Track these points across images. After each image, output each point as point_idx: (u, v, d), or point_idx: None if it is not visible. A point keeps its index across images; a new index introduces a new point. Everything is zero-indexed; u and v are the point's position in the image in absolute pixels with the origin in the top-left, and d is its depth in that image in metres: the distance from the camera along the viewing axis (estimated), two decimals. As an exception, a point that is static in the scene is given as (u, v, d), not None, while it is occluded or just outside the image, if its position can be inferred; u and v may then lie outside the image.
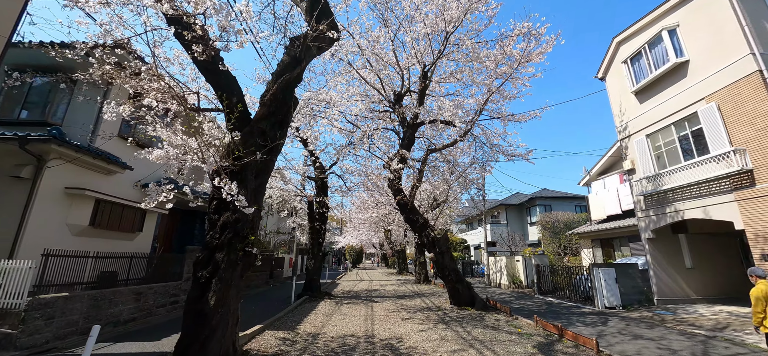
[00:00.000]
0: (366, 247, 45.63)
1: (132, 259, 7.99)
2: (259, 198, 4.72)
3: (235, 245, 4.19)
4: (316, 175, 12.62)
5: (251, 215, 4.38)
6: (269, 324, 7.31)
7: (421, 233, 9.68)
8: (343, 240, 37.85)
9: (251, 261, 4.45)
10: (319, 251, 12.22)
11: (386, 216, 22.07)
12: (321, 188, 12.64)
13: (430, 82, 10.03)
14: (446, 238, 9.46)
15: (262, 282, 16.68)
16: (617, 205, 16.07)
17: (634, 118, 10.69)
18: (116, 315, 7.06)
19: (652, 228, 9.96)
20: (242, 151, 4.46)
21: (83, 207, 7.70)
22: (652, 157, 10.03)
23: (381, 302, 11.18)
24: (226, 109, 4.52)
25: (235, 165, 4.37)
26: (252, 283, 15.14)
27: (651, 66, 9.98)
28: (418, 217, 9.74)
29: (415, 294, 13.77)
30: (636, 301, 10.19)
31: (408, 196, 10.02)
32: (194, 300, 4.08)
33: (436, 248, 9.38)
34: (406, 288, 16.29)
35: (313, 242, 12.07)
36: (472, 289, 9.81)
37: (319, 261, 12.19)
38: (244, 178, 4.52)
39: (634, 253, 14.91)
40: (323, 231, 12.45)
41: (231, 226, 4.22)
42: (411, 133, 10.12)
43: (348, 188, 14.43)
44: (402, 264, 28.00)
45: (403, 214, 10.02)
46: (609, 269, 10.37)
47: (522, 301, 11.80)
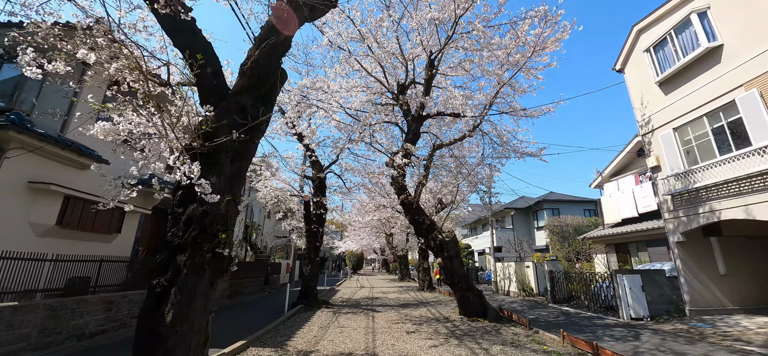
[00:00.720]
0: (366, 253, 44.58)
1: (101, 263, 7.11)
2: (236, 188, 3.86)
3: (201, 245, 3.32)
4: (314, 174, 11.78)
5: (224, 208, 3.52)
6: (255, 338, 6.39)
7: (427, 236, 8.78)
8: (343, 246, 36.89)
9: (223, 266, 3.57)
10: (317, 256, 11.31)
11: (388, 221, 21.16)
12: (319, 188, 11.78)
13: (437, 71, 9.22)
14: (455, 241, 8.56)
15: (257, 288, 15.74)
16: (633, 208, 15.15)
17: (658, 110, 9.83)
18: (80, 328, 6.16)
19: (682, 230, 9.03)
20: (215, 129, 3.62)
21: (49, 205, 6.85)
22: (680, 153, 9.15)
23: (383, 312, 10.23)
24: (197, 77, 3.70)
25: (204, 146, 3.52)
26: (245, 290, 14.22)
27: (678, 53, 9.15)
28: (425, 218, 8.86)
29: (420, 302, 12.80)
30: (665, 312, 9.22)
31: (413, 195, 9.16)
32: (147, 314, 3.20)
33: (445, 252, 8.48)
34: (410, 295, 15.30)
35: (309, 246, 11.17)
36: (484, 298, 8.87)
37: (317, 266, 11.29)
38: (217, 161, 3.66)
39: (653, 259, 13.94)
40: (321, 234, 11.56)
41: (197, 221, 3.35)
42: (416, 126, 9.29)
43: (348, 189, 13.57)
44: (404, 270, 26.98)
45: (408, 215, 9.14)
46: (634, 276, 9.42)
47: (536, 311, 10.83)
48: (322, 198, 11.30)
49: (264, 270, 17.23)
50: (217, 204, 3.45)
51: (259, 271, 16.62)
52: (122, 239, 8.92)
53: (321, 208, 11.47)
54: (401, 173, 9.00)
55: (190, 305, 3.23)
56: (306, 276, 11.01)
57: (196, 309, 3.28)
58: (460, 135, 10.22)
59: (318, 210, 11.48)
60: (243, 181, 3.99)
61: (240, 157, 3.92)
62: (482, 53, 9.18)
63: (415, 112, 9.45)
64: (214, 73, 4.00)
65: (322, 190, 11.79)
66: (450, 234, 8.57)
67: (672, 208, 9.36)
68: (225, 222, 3.54)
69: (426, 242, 8.89)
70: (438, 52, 8.94)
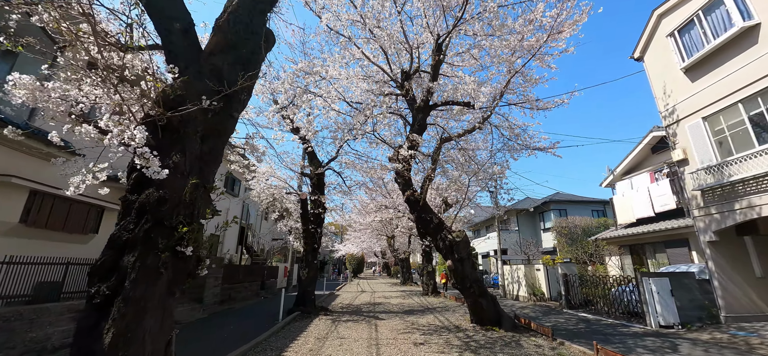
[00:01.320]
0: (367, 256, 43.70)
1: (68, 266, 6.30)
2: (208, 171, 3.08)
3: (156, 242, 2.53)
4: (312, 171, 11.00)
5: (189, 195, 2.73)
6: (242, 353, 5.57)
7: (435, 236, 7.98)
8: (344, 249, 36.03)
9: (188, 270, 2.78)
10: (315, 259, 10.50)
11: (389, 222, 20.35)
12: (317, 185, 11.00)
13: (444, 56, 8.48)
14: (467, 242, 7.76)
15: (252, 293, 14.89)
16: (648, 207, 14.33)
17: (684, 99, 9.07)
18: (40, 341, 5.35)
19: (715, 228, 8.23)
20: (182, 96, 2.86)
21: (11, 200, 6.06)
22: (712, 144, 8.37)
23: (386, 319, 9.40)
24: (161, 34, 2.95)
25: (165, 115, 2.75)
26: (239, 295, 13.38)
27: (707, 35, 8.41)
28: (433, 217, 8.07)
29: (425, 308, 11.96)
30: (696, 318, 8.40)
31: (419, 191, 8.37)
32: (84, 333, 2.41)
33: (455, 254, 7.68)
34: (414, 301, 14.46)
35: (307, 248, 10.37)
36: (498, 304, 8.05)
37: (315, 270, 10.47)
38: (183, 136, 2.89)
39: (673, 261, 13.10)
40: (319, 235, 10.75)
41: (151, 211, 2.57)
42: (422, 116, 8.52)
43: (348, 188, 12.80)
44: (406, 273, 26.10)
45: (414, 213, 8.35)
46: (662, 279, 8.60)
47: (552, 318, 9.99)
48: (321, 197, 10.52)
49: (260, 274, 16.39)
50: (179, 189, 2.67)
51: (254, 275, 15.78)
52: (100, 240, 8.11)
53: (319, 207, 10.68)
54: (406, 167, 8.23)
55: (139, 321, 2.43)
56: (303, 281, 10.19)
57: (147, 328, 2.48)
58: (468, 127, 9.48)
59: (316, 209, 10.69)
60: (217, 163, 3.21)
61: (214, 133, 3.14)
62: (493, 39, 8.47)
63: (420, 102, 8.69)
64: (183, 31, 3.23)
65: (320, 188, 11.01)
66: (461, 234, 7.77)
67: (703, 205, 8.56)
68: (190, 212, 2.75)
69: (434, 243, 8.09)
70: (446, 34, 8.21)
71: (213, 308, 10.80)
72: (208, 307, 10.58)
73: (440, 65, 8.48)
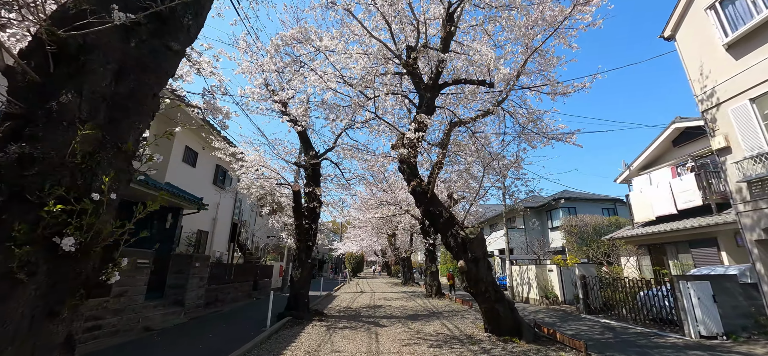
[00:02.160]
0: (367, 255, 42.73)
1: None
2: (124, 124, 2.03)
3: (9, 224, 1.48)
4: (306, 160, 9.97)
5: (80, 152, 1.69)
6: (213, 373, 4.54)
7: (445, 233, 6.95)
8: (343, 247, 35.04)
9: (79, 276, 1.72)
10: (309, 257, 9.49)
11: (390, 219, 19.33)
12: (312, 176, 9.97)
13: (456, 27, 7.44)
14: (482, 240, 6.73)
15: (243, 294, 13.87)
16: (670, 204, 13.30)
17: (726, 79, 8.03)
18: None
19: (765, 225, 7.20)
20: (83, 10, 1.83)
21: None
22: (761, 128, 7.34)
23: (388, 326, 8.37)
24: None
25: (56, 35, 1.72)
26: (228, 297, 12.36)
27: (757, 4, 7.37)
28: (442, 210, 7.03)
29: (430, 312, 10.94)
30: (741, 328, 7.38)
31: (427, 181, 7.35)
32: None
33: (468, 253, 6.65)
34: (417, 303, 13.43)
35: (300, 245, 9.34)
36: (516, 311, 7.03)
37: (309, 270, 9.45)
38: (83, 67, 1.85)
39: (699, 263, 12.08)
40: (314, 231, 9.73)
41: (8, 175, 1.53)
42: (431, 96, 7.49)
43: (347, 180, 11.77)
44: (408, 273, 25.08)
45: (420, 206, 7.32)
46: (702, 283, 7.58)
47: (571, 324, 8.98)
48: (316, 189, 9.48)
49: (252, 273, 15.37)
50: (64, 144, 1.63)
51: (247, 275, 14.76)
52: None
53: (314, 201, 9.64)
54: (412, 153, 7.19)
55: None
56: (295, 282, 9.17)
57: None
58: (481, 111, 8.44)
59: (311, 202, 9.65)
60: (143, 115, 2.16)
61: (137, 69, 2.09)
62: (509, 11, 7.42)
63: (429, 80, 7.66)
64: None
65: (315, 179, 9.98)
66: (475, 231, 6.73)
67: (750, 198, 7.52)
68: (78, 181, 1.70)
69: (444, 241, 7.06)
70: (458, 2, 7.17)
71: (196, 311, 9.78)
72: (191, 310, 9.55)
73: (452, 38, 7.44)
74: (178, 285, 9.55)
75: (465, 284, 6.82)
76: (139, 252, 7.60)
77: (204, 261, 10.36)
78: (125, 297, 7.21)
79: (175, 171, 11.50)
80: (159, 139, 2.36)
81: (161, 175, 10.97)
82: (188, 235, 12.03)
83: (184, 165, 12.07)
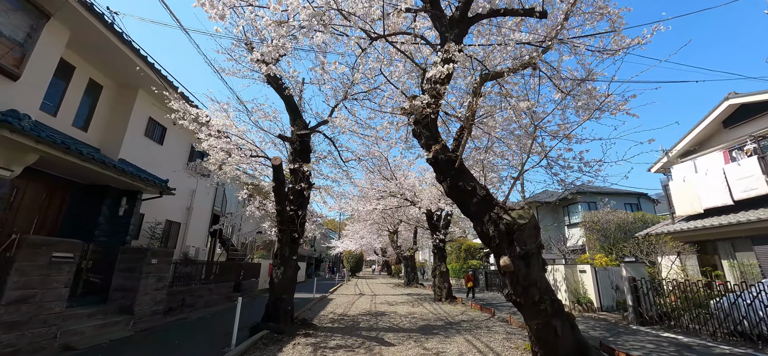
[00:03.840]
0: (366, 253, 40.69)
1: None
2: None
3: None
4: (293, 132, 7.93)
5: None
6: None
7: (480, 216, 4.90)
8: (341, 246, 33.05)
9: None
10: (294, 253, 7.43)
11: (392, 213, 17.28)
12: (300, 151, 7.92)
13: (493, -65, 5.37)
14: (536, 226, 4.66)
15: (222, 297, 11.79)
16: (724, 194, 11.30)
17: None
18: None
19: None
20: None
21: None
22: None
23: (396, 344, 6.31)
24: None
25: None
26: (200, 300, 10.29)
27: None
28: (476, 186, 4.98)
29: (446, 322, 8.89)
30: None
31: (453, 146, 5.30)
32: None
33: (516, 246, 4.60)
34: (426, 309, 11.38)
35: (282, 236, 7.28)
36: (578, 329, 4.98)
37: (293, 269, 7.39)
38: None
39: (764, 262, 10.09)
40: (301, 219, 7.66)
41: None
42: (458, 33, 5.42)
43: (344, 161, 9.71)
44: (411, 273, 23.04)
45: (444, 181, 5.25)
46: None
47: (626, 339, 6.97)
48: (304, 165, 7.40)
49: (235, 272, 13.30)
50: None
51: (226, 274, 12.71)
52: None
53: (302, 181, 7.58)
54: (432, 106, 5.12)
55: None
56: (275, 284, 7.09)
57: None
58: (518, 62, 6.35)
59: (297, 183, 7.59)
60: None
61: None
62: None
63: (455, 11, 5.61)
64: None
65: (304, 155, 7.93)
66: (526, 214, 4.67)
67: None
68: None
69: (478, 229, 5.00)
70: None
71: (151, 320, 7.71)
72: (144, 319, 7.49)
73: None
74: (126, 288, 7.49)
75: (508, 291, 4.77)
76: (55, 242, 5.52)
77: (164, 256, 8.29)
78: (30, 304, 5.14)
79: (134, 146, 9.41)
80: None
81: (114, 150, 8.90)
82: (152, 226, 9.95)
83: (146, 140, 9.98)
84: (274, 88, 7.90)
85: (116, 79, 9.24)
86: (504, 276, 4.88)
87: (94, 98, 8.87)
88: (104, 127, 9.00)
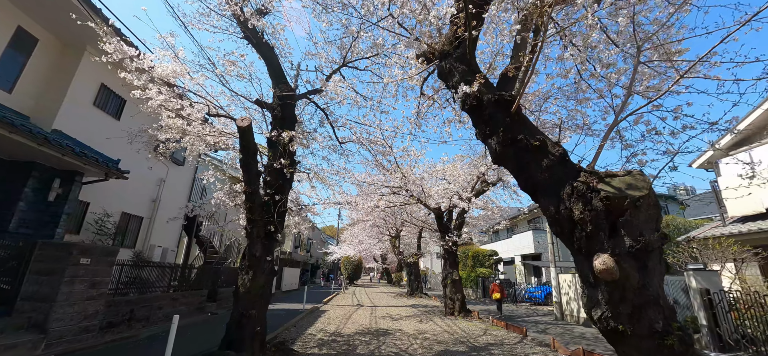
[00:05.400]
0: (365, 260, 38.52)
1: None
2: None
3: None
4: (275, 93, 6.07)
5: None
6: None
7: (553, 189, 3.01)
8: (339, 251, 30.98)
9: None
10: (269, 252, 5.48)
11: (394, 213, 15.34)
12: (282, 119, 6.05)
13: None
14: (656, 204, 2.78)
15: (191, 308, 9.75)
16: (795, 190, 9.38)
17: None
18: None
19: None
20: None
21: None
22: None
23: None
24: None
25: None
26: (158, 313, 8.27)
27: None
28: (544, 139, 3.08)
29: (470, 347, 6.87)
30: None
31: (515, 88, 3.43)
32: None
33: (626, 237, 2.67)
34: (438, 327, 9.35)
35: (252, 229, 5.34)
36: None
37: (268, 274, 5.43)
38: None
39: None
40: (280, 206, 5.73)
41: None
42: None
43: (339, 141, 7.83)
44: (415, 282, 20.94)
45: (493, 135, 3.35)
46: None
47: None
48: (286, 133, 5.50)
49: (211, 277, 11.27)
50: None
51: (200, 280, 10.69)
52: None
53: (282, 154, 5.67)
54: (474, 24, 3.25)
55: None
56: (241, 295, 5.12)
57: None
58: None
59: (276, 159, 5.68)
60: None
61: None
62: None
63: None
64: None
65: (286, 123, 6.04)
66: (640, 181, 2.77)
67: None
68: None
69: (552, 206, 3.07)
70: None
71: (76, 340, 5.71)
72: (65, 339, 5.50)
73: None
74: (41, 297, 5.50)
75: (603, 312, 2.82)
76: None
77: (102, 255, 6.31)
78: None
79: (77, 116, 7.52)
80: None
81: (48, 120, 7.00)
82: (100, 218, 7.99)
83: (96, 112, 8.09)
84: (253, 44, 6.08)
85: (58, 34, 7.40)
86: (592, 287, 2.96)
87: (26, 53, 7.01)
88: (38, 92, 7.12)
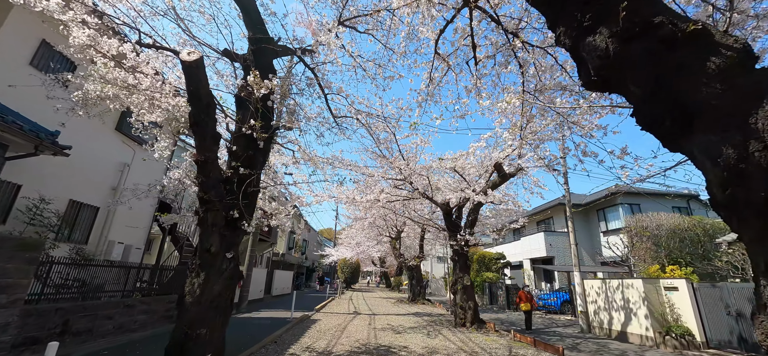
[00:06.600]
0: (363, 263, 36.87)
1: None
2: None
3: None
4: (250, 37, 4.61)
5: None
6: None
7: (733, 111, 1.50)
8: (336, 254, 29.38)
9: None
10: (229, 248, 3.97)
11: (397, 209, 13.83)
12: (261, 68, 4.54)
13: None
14: None
15: (156, 317, 8.16)
16: None
17: None
18: None
19: None
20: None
21: None
22: None
23: None
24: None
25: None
26: (104, 325, 6.68)
27: None
28: (701, 23, 1.61)
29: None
30: None
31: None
32: None
33: None
34: (451, 343, 7.79)
35: (206, 215, 3.82)
36: None
37: (230, 278, 3.91)
38: None
39: None
40: (251, 185, 4.21)
41: None
42: None
43: (334, 116, 6.35)
44: (417, 287, 19.36)
45: (602, 25, 1.88)
46: None
47: None
48: (258, 84, 4.00)
49: (179, 283, 9.66)
50: None
51: (170, 284, 9.13)
52: None
53: (254, 115, 4.17)
54: None
55: None
56: (185, 308, 3.61)
57: None
58: None
59: (246, 121, 4.17)
60: None
61: None
62: None
63: None
64: None
65: (264, 70, 4.54)
66: None
67: None
68: None
69: (722, 148, 1.60)
70: None
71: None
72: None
73: None
74: None
75: None
76: None
77: (19, 249, 4.76)
78: None
79: (4, 79, 5.99)
80: None
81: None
82: (35, 204, 6.42)
83: (33, 71, 6.55)
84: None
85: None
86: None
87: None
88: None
